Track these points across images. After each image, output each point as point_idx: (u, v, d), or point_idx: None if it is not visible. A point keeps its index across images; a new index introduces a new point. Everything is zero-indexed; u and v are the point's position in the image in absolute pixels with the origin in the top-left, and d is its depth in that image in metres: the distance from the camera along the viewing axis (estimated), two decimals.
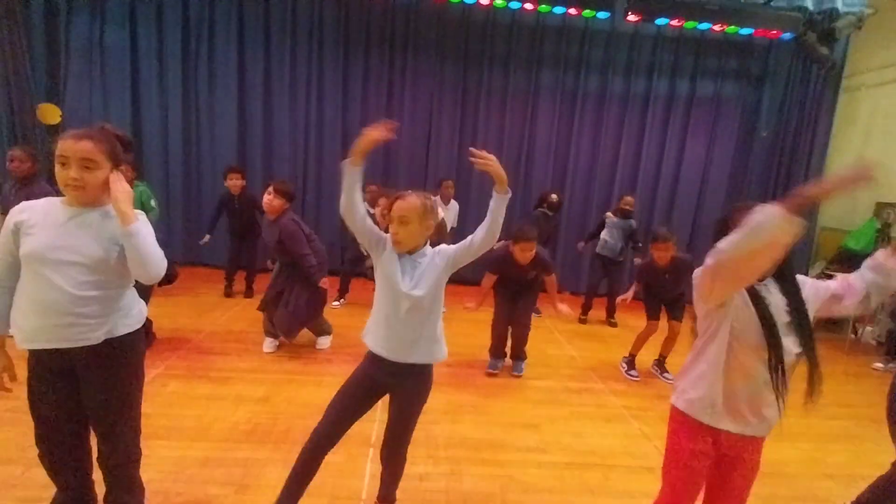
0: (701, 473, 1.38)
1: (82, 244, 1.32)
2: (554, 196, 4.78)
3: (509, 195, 1.56)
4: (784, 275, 1.30)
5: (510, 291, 3.33)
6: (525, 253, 3.03)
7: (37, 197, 2.14)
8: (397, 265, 1.57)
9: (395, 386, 1.66)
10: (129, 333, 1.44)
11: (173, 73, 5.36)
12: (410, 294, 1.55)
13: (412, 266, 1.59)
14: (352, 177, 1.53)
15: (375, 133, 1.53)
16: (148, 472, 2.04)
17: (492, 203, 1.57)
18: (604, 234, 4.81)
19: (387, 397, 1.71)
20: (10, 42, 4.74)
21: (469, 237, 1.62)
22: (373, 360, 1.65)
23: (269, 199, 3.08)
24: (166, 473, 2.03)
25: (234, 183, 4.39)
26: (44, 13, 5.11)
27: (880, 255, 1.34)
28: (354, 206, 1.54)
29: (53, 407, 1.41)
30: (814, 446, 2.76)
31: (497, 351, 3.43)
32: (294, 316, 3.24)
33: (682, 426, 1.40)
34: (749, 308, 1.27)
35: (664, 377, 3.51)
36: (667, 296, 3.46)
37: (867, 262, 1.35)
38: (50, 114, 5.04)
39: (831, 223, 5.85)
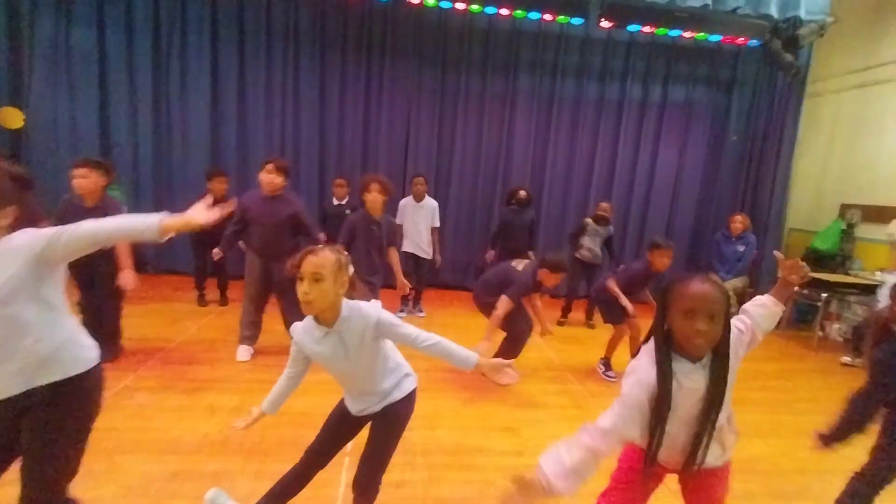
0: (637, 490, 1.39)
1: None
2: (522, 192, 4.78)
3: (474, 360, 1.54)
4: (717, 353, 1.23)
5: (518, 306, 3.32)
6: (555, 282, 3.12)
7: None
8: (322, 348, 1.49)
9: (373, 417, 1.66)
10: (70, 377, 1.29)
11: (143, 75, 5.21)
12: (349, 364, 1.51)
13: (340, 341, 1.48)
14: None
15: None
16: (112, 488, 1.96)
17: (451, 356, 1.55)
18: (585, 241, 4.85)
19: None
20: None
21: (415, 334, 1.53)
22: (343, 404, 1.68)
23: (269, 177, 3.11)
24: (131, 489, 1.96)
25: (219, 186, 4.24)
26: (5, 13, 4.91)
27: (768, 300, 1.40)
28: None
29: None
30: (785, 442, 2.83)
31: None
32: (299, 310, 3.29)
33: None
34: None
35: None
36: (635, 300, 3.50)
37: (754, 311, 1.38)
38: (12, 118, 4.85)
39: (799, 224, 6.05)
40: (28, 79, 5.05)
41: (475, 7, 4.99)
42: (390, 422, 1.63)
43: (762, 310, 1.38)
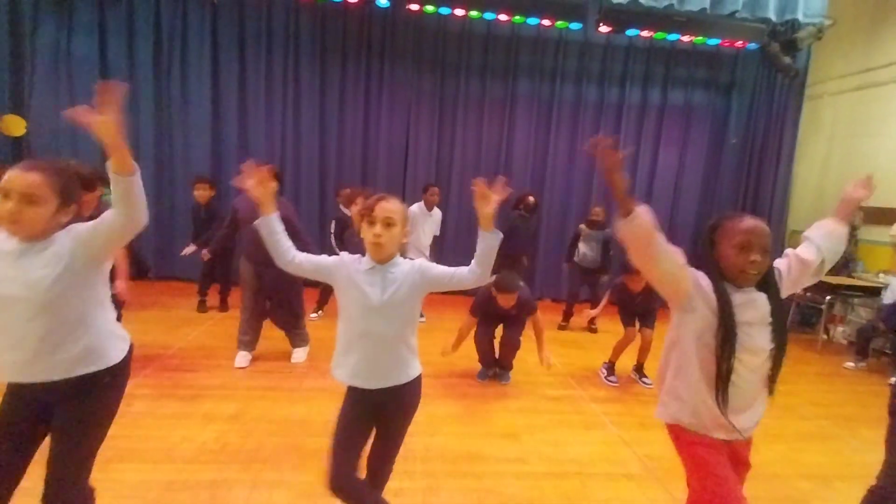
0: (734, 479, 1.35)
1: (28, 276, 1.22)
2: (531, 198, 4.81)
3: (499, 235, 1.44)
4: (767, 282, 1.31)
5: (492, 323, 3.33)
6: (508, 301, 3.05)
7: None
8: (364, 278, 1.46)
9: (385, 406, 1.56)
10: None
11: (144, 81, 5.23)
12: (383, 307, 1.43)
13: (382, 278, 1.45)
14: (269, 226, 1.49)
15: (263, 178, 1.50)
16: (106, 498, 1.92)
17: (481, 244, 1.43)
18: (582, 247, 4.84)
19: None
20: None
21: (452, 269, 1.48)
22: (352, 394, 1.53)
23: None
24: (127, 498, 1.93)
25: (201, 193, 4.33)
26: (7, 21, 4.94)
27: (829, 221, 1.43)
28: (285, 254, 1.50)
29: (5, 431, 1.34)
30: (789, 447, 2.79)
31: (486, 361, 3.41)
32: (291, 309, 3.37)
33: (683, 437, 1.37)
34: (713, 314, 1.27)
35: (643, 382, 3.52)
36: (639, 310, 3.51)
37: (814, 234, 1.42)
38: (14, 125, 4.87)
39: (801, 227, 6.01)
40: (30, 86, 5.07)
41: (474, 13, 5.01)
42: (407, 407, 1.59)
43: (822, 231, 1.40)
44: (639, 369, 3.61)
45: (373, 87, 5.58)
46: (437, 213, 4.78)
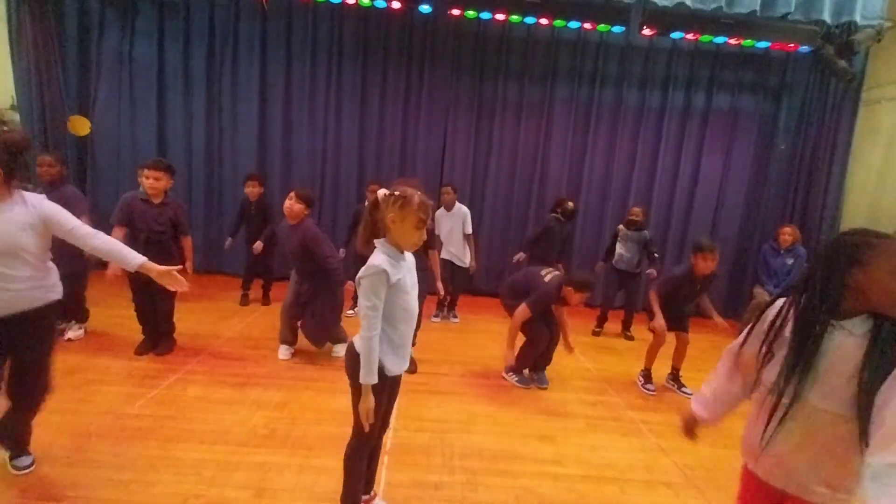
0: None
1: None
2: (570, 203, 4.73)
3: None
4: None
5: (541, 316, 3.32)
6: (582, 300, 3.14)
7: (67, 199, 2.57)
8: (405, 275, 1.62)
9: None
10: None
11: (198, 85, 5.53)
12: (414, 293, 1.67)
13: (403, 262, 1.63)
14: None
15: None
16: (167, 474, 2.08)
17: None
18: (619, 248, 4.77)
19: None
20: (45, 56, 4.95)
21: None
22: (393, 381, 1.72)
23: (289, 203, 3.17)
24: (185, 475, 2.07)
25: (251, 190, 4.52)
26: (77, 28, 5.33)
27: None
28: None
29: None
30: None
31: (526, 366, 3.40)
32: (321, 325, 3.35)
33: (744, 482, 1.34)
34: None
35: (682, 392, 3.46)
36: (684, 308, 3.41)
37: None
38: (81, 125, 5.23)
39: None
40: (95, 89, 5.45)
41: (515, 17, 5.03)
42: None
43: None
44: (675, 377, 3.54)
45: (412, 91, 5.68)
46: (460, 209, 4.72)
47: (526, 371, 3.41)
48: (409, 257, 1.67)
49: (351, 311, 4.57)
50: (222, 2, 5.39)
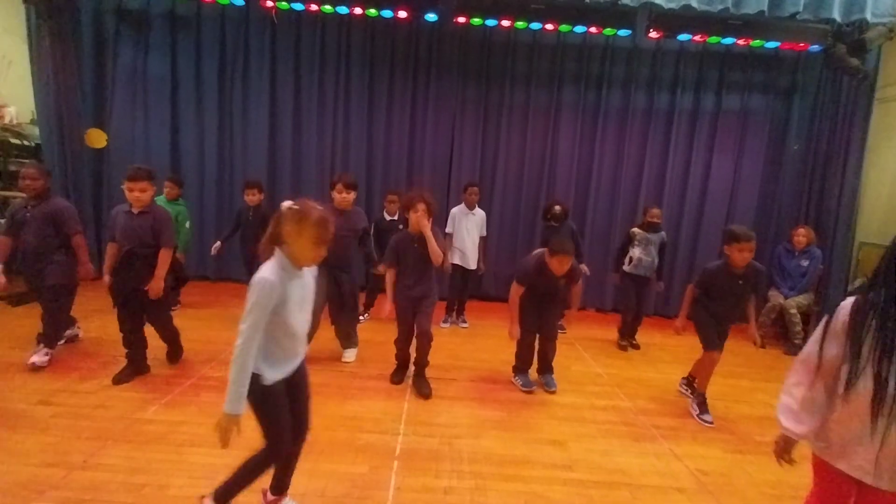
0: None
1: None
2: (557, 207, 4.61)
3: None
4: None
5: (536, 301, 3.28)
6: (563, 266, 3.06)
7: (57, 212, 3.03)
8: (295, 290, 1.67)
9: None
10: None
11: (210, 97, 5.65)
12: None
13: (298, 279, 1.69)
14: None
15: None
16: (180, 478, 2.11)
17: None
18: (636, 252, 4.46)
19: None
20: (63, 72, 5.10)
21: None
22: (289, 383, 1.84)
23: (343, 196, 3.43)
24: (197, 479, 2.09)
25: (251, 197, 4.47)
26: (94, 45, 5.49)
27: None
28: None
29: None
30: None
31: (525, 364, 3.38)
32: (353, 315, 3.66)
33: (816, 469, 1.38)
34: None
35: (701, 419, 3.10)
36: (728, 311, 3.11)
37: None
38: (97, 139, 5.37)
39: (871, 238, 5.62)
40: (111, 102, 5.59)
41: (520, 23, 5.06)
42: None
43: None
44: (690, 384, 3.46)
45: (419, 98, 5.73)
46: (479, 212, 4.76)
47: (531, 374, 3.41)
48: (307, 273, 1.67)
49: (362, 317, 4.59)
50: (233, 16, 5.51)
